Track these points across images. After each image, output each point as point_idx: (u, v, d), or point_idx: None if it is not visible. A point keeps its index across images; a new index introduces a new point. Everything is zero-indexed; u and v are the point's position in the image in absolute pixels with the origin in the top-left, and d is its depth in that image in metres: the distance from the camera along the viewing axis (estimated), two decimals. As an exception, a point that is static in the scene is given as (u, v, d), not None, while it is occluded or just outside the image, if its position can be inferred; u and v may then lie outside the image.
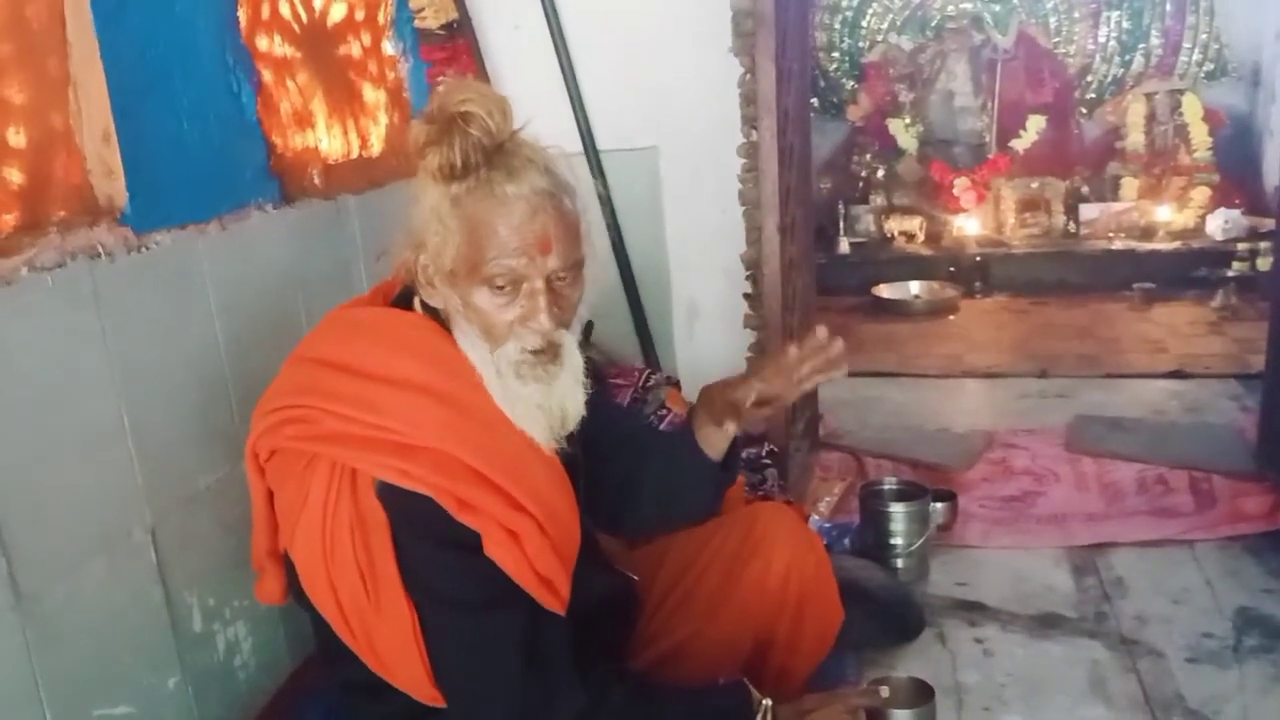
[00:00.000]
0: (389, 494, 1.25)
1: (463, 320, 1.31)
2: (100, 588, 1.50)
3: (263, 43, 1.98)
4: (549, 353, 1.30)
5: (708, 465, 1.50)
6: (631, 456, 1.55)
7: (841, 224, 5.57)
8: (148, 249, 1.62)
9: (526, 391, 1.30)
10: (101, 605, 1.50)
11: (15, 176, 1.43)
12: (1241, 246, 4.93)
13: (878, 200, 5.75)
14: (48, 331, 1.43)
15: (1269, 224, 4.79)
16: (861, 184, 5.85)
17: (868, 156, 5.87)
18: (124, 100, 1.57)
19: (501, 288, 1.27)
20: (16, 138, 1.43)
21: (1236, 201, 5.24)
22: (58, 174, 1.50)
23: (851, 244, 5.56)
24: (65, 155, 1.52)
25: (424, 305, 1.36)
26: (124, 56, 1.58)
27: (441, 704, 1.30)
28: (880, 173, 5.81)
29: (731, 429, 1.46)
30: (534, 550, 1.29)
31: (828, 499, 2.71)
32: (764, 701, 1.42)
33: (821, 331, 1.47)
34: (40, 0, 1.47)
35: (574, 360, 1.33)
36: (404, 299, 1.39)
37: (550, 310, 1.28)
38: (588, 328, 1.45)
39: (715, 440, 1.49)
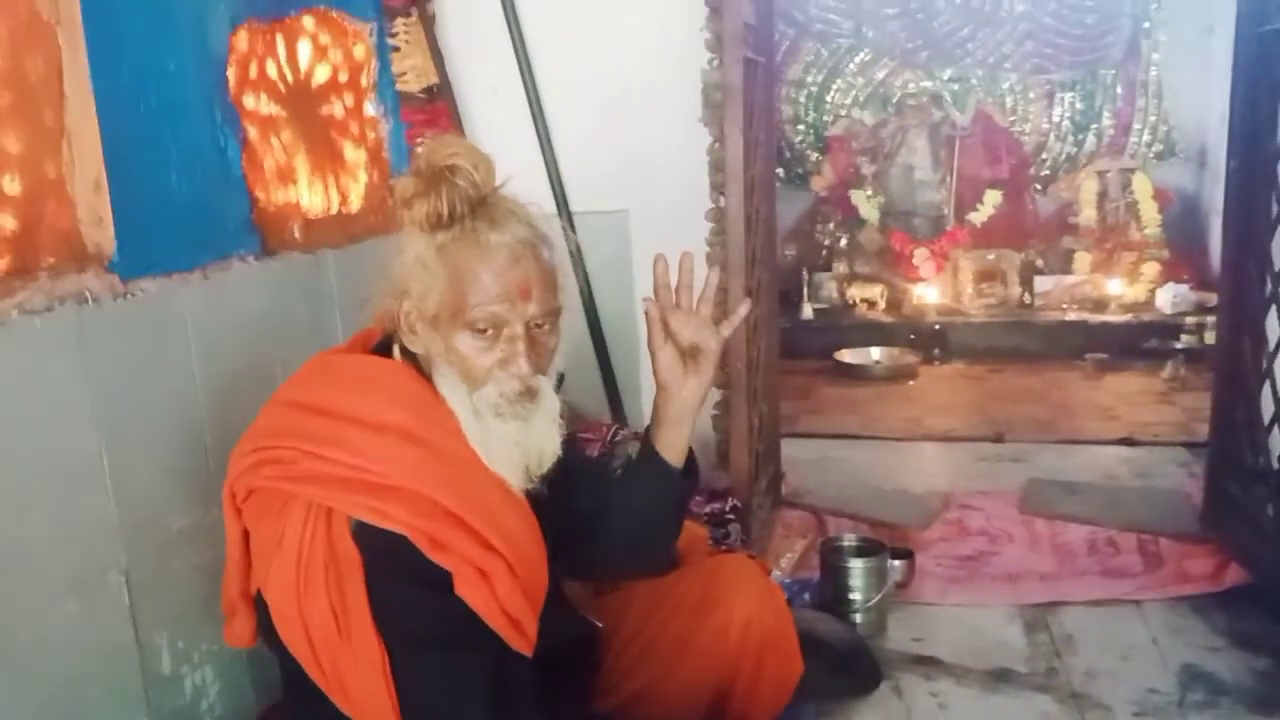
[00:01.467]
0: (364, 533, 1.27)
1: (443, 364, 1.35)
2: (72, 627, 1.52)
3: (249, 101, 2.04)
4: (527, 395, 1.35)
5: (668, 471, 1.51)
6: (597, 501, 1.57)
7: (805, 290, 5.67)
8: (133, 295, 1.67)
9: (505, 429, 1.34)
10: (73, 645, 1.52)
11: (8, 223, 1.48)
12: (1190, 320, 5.06)
13: (840, 268, 5.87)
14: (33, 373, 1.46)
15: (1216, 299, 4.95)
16: (825, 252, 5.98)
17: (831, 226, 6.00)
18: (115, 151, 1.63)
19: (483, 331, 1.32)
20: (11, 185, 1.48)
21: (1185, 277, 5.39)
22: (49, 221, 1.55)
23: (815, 310, 5.66)
24: (57, 203, 1.57)
25: (403, 352, 1.41)
26: (117, 110, 1.63)
27: (409, 744, 1.31)
28: (843, 241, 5.93)
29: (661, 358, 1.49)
30: (504, 591, 1.31)
31: (789, 555, 2.75)
32: (721, 748, 1.45)
33: (685, 256, 1.54)
34: (39, 54, 1.53)
35: (551, 402, 1.38)
36: (383, 346, 1.44)
37: (529, 355, 1.33)
38: (560, 378, 1.50)
39: (671, 441, 1.50)
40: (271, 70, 2.13)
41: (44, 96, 1.54)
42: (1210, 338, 4.73)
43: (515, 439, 1.35)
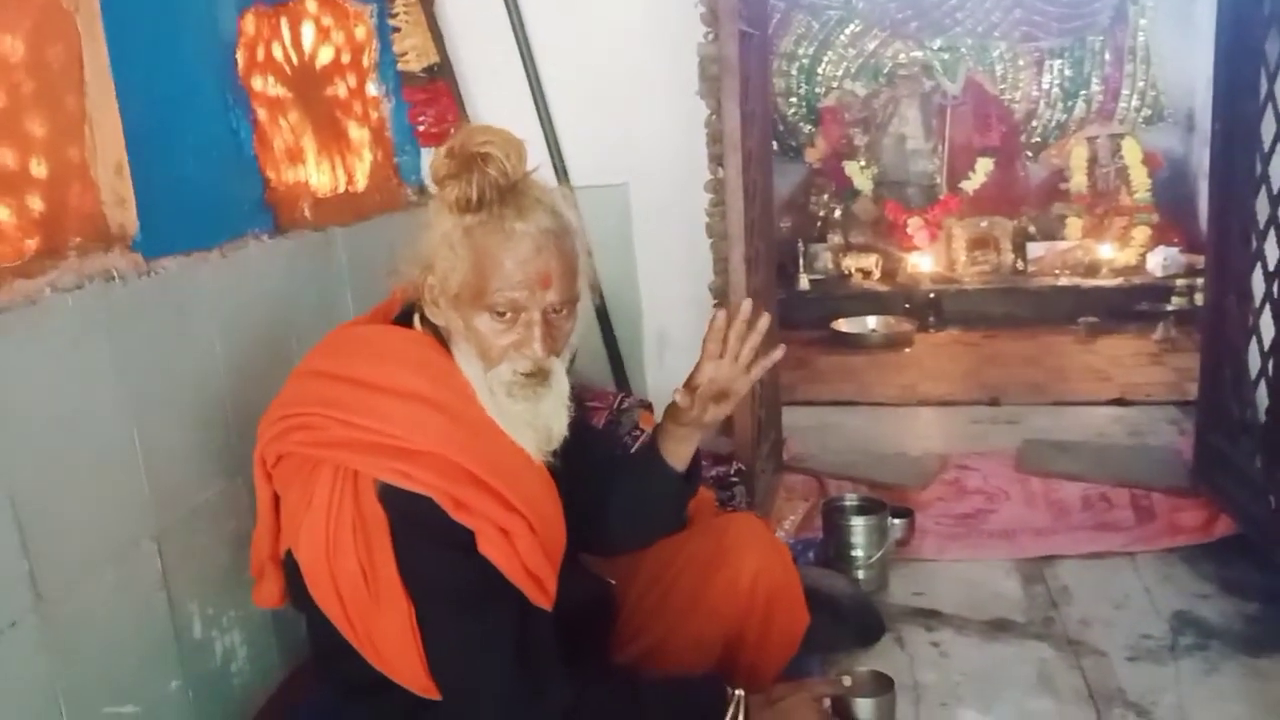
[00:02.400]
0: (389, 495, 1.33)
1: (462, 340, 1.41)
2: (111, 593, 1.58)
3: (258, 83, 2.09)
4: (539, 376, 1.40)
5: (671, 476, 1.59)
6: (603, 479, 1.64)
7: (801, 261, 5.74)
8: (156, 274, 1.72)
9: (516, 409, 1.40)
10: (112, 610, 1.58)
11: (36, 205, 1.53)
12: (1180, 282, 5.15)
13: (835, 239, 5.92)
14: (67, 349, 1.52)
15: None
16: (819, 223, 6.03)
17: (825, 197, 6.05)
18: (135, 135, 1.67)
19: (502, 315, 1.37)
20: (38, 169, 1.53)
21: (1175, 240, 5.46)
22: (74, 203, 1.60)
23: (811, 280, 5.72)
24: (81, 186, 1.62)
25: (423, 321, 1.46)
26: (136, 95, 1.68)
27: (436, 696, 1.37)
28: (837, 212, 5.99)
29: (682, 401, 1.51)
30: (525, 548, 1.38)
31: (792, 518, 2.82)
32: (736, 692, 1.50)
33: (746, 304, 1.55)
34: (60, 43, 1.58)
35: (561, 385, 1.44)
36: (404, 317, 1.49)
37: (544, 340, 1.39)
38: (572, 357, 1.56)
39: (678, 450, 1.58)
40: (277, 53, 2.17)
41: (65, 83, 1.59)
42: (1200, 299, 4.79)
43: (526, 419, 1.41)
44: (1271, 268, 2.48)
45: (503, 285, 1.36)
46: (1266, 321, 2.51)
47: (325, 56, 2.38)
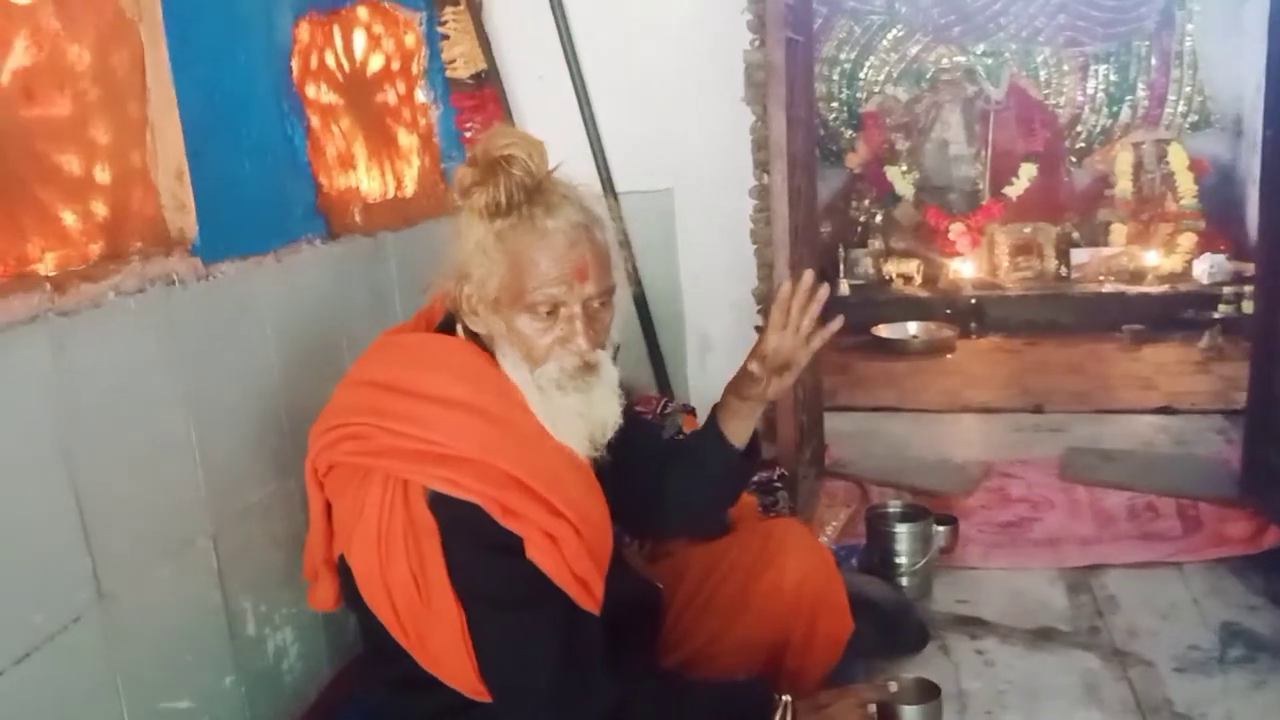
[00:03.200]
0: (439, 502, 1.35)
1: (506, 344, 1.43)
2: (168, 590, 1.62)
3: (311, 90, 2.13)
4: (586, 369, 1.42)
5: (733, 452, 1.60)
6: (657, 464, 1.65)
7: (842, 267, 5.72)
8: (214, 278, 1.76)
9: (569, 401, 1.41)
10: (169, 605, 1.62)
11: (100, 209, 1.57)
12: (1227, 290, 5.06)
13: (876, 244, 5.89)
14: (129, 351, 1.56)
15: (1253, 269, 4.94)
16: (860, 228, 6.00)
17: (866, 202, 6.02)
18: (195, 141, 1.71)
19: (543, 313, 1.39)
20: (102, 174, 1.57)
21: (1222, 247, 5.37)
22: (136, 208, 1.64)
23: (851, 286, 5.70)
24: (143, 191, 1.66)
25: (465, 329, 1.48)
26: (196, 102, 1.72)
27: (487, 698, 1.39)
28: (878, 218, 5.96)
29: (754, 368, 1.53)
30: (571, 553, 1.39)
31: (834, 524, 2.82)
32: (783, 698, 1.51)
33: (808, 275, 1.58)
34: (124, 49, 1.62)
35: (610, 374, 1.46)
36: (446, 324, 1.51)
37: (587, 333, 1.41)
38: (615, 350, 1.57)
39: (739, 428, 1.60)
40: (330, 60, 2.21)
41: (128, 90, 1.63)
42: (1248, 307, 4.73)
43: (579, 411, 1.42)
44: (1324, 276, 2.46)
45: (541, 284, 1.38)
46: (1318, 331, 2.48)
47: (376, 64, 2.42)
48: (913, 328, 5.33)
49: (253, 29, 1.92)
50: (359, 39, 2.34)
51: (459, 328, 1.49)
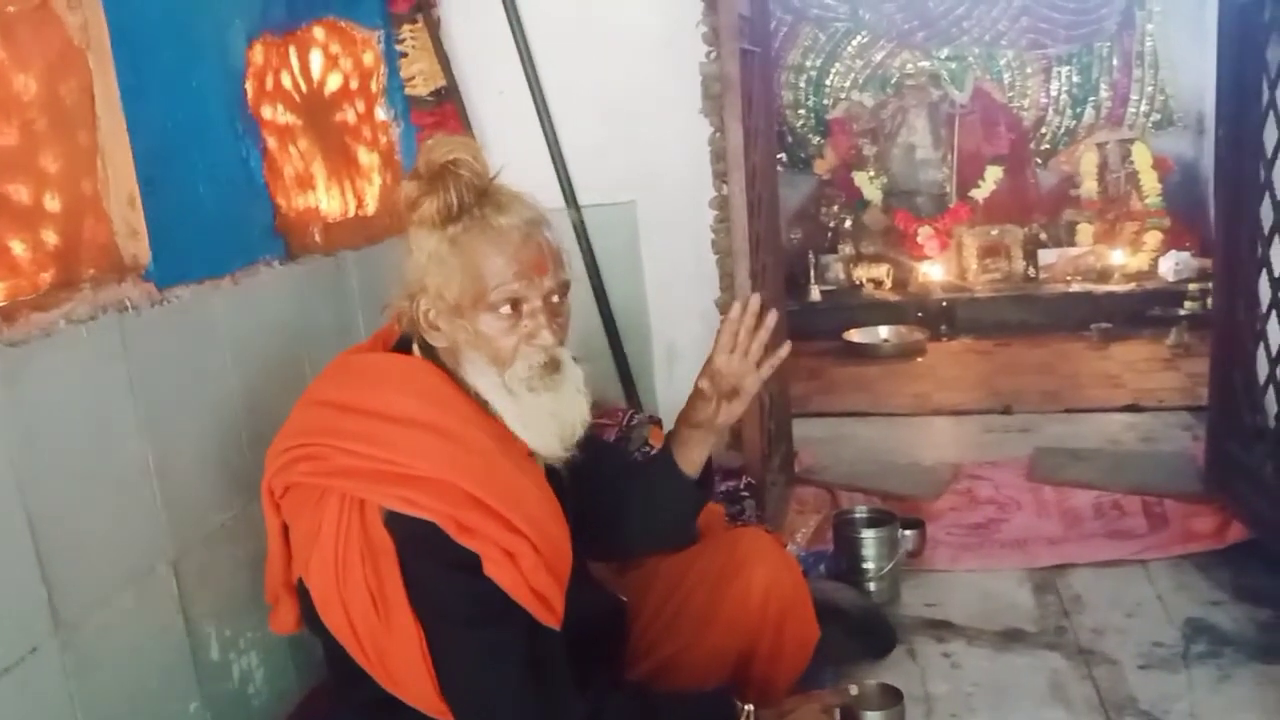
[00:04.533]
0: (395, 521, 1.35)
1: (470, 350, 1.43)
2: (129, 618, 1.61)
3: (267, 112, 2.12)
4: (552, 365, 1.43)
5: (685, 483, 1.62)
6: (617, 489, 1.66)
7: (812, 273, 5.75)
8: (169, 302, 1.75)
9: (541, 401, 1.42)
10: (130, 634, 1.61)
11: (51, 238, 1.56)
12: (1193, 287, 5.12)
13: (846, 249, 5.93)
14: (82, 379, 1.55)
15: (1215, 264, 5.00)
16: (830, 234, 6.04)
17: (835, 208, 6.06)
18: (147, 167, 1.71)
19: (505, 312, 1.40)
20: (52, 203, 1.57)
21: (1187, 244, 5.44)
22: (88, 235, 1.64)
23: (822, 291, 5.73)
24: (94, 218, 1.65)
25: (422, 348, 1.48)
26: (147, 127, 1.71)
27: (450, 718, 1.38)
28: (848, 223, 5.99)
29: (704, 386, 1.57)
30: (529, 569, 1.39)
31: (804, 530, 2.83)
32: (746, 707, 1.52)
33: (754, 299, 1.59)
34: (72, 79, 1.62)
35: (574, 372, 1.47)
36: (403, 344, 1.51)
37: (551, 326, 1.42)
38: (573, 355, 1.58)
39: (691, 456, 1.61)
40: (286, 81, 2.21)
41: (78, 118, 1.63)
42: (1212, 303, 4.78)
43: (550, 409, 1.43)
44: (1277, 274, 2.49)
45: (501, 281, 1.38)
46: (1274, 327, 2.51)
47: (334, 83, 2.42)
48: (884, 332, 5.36)
49: (205, 53, 1.92)
50: (316, 59, 2.34)
51: (415, 346, 1.49)
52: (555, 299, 1.43)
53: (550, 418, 1.43)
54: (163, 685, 1.68)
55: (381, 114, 2.63)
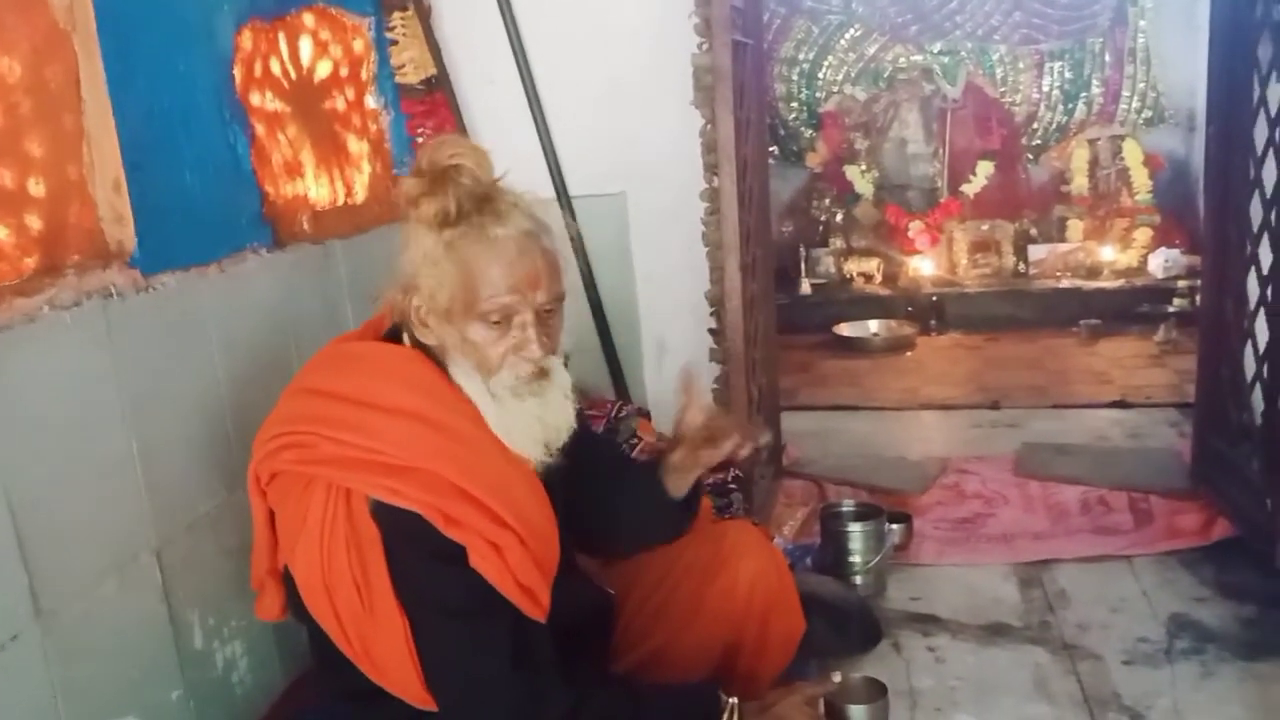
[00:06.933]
0: (382, 511, 1.35)
1: (458, 355, 1.43)
2: (111, 606, 1.60)
3: (256, 98, 2.11)
4: (540, 374, 1.43)
5: (670, 504, 1.67)
6: (606, 485, 1.67)
7: (803, 266, 5.74)
8: (155, 289, 1.74)
9: (526, 406, 1.42)
10: (112, 622, 1.60)
11: (35, 223, 1.55)
12: (1182, 284, 5.14)
13: (837, 243, 5.93)
14: (66, 366, 1.54)
15: (1203, 262, 5.01)
16: (821, 228, 6.03)
17: (826, 201, 6.06)
18: (133, 152, 1.69)
19: (496, 322, 1.39)
20: (36, 188, 1.55)
21: (1176, 241, 5.46)
22: (73, 220, 1.62)
23: (813, 285, 5.73)
24: (80, 203, 1.64)
25: (413, 339, 1.47)
26: (133, 112, 1.70)
27: (434, 708, 1.38)
28: (839, 217, 5.99)
29: (678, 458, 1.65)
30: (515, 562, 1.39)
31: (791, 523, 2.84)
32: (730, 700, 1.52)
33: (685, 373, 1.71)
34: (58, 62, 1.60)
35: (563, 379, 1.47)
36: (393, 333, 1.50)
37: (540, 340, 1.41)
38: (565, 359, 1.58)
39: (678, 483, 1.66)
40: (275, 67, 2.19)
41: (63, 102, 1.61)
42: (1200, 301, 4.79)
43: (535, 414, 1.43)
44: (1266, 271, 2.49)
45: (493, 293, 1.38)
46: (1261, 325, 2.52)
47: (323, 70, 2.40)
48: (874, 326, 5.37)
49: (192, 38, 1.90)
50: (305, 45, 2.32)
51: (405, 337, 1.48)
52: (547, 311, 1.43)
53: (535, 421, 1.43)
54: (145, 674, 1.67)
55: (371, 102, 2.62)
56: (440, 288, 1.39)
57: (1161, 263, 5.34)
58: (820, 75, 6.16)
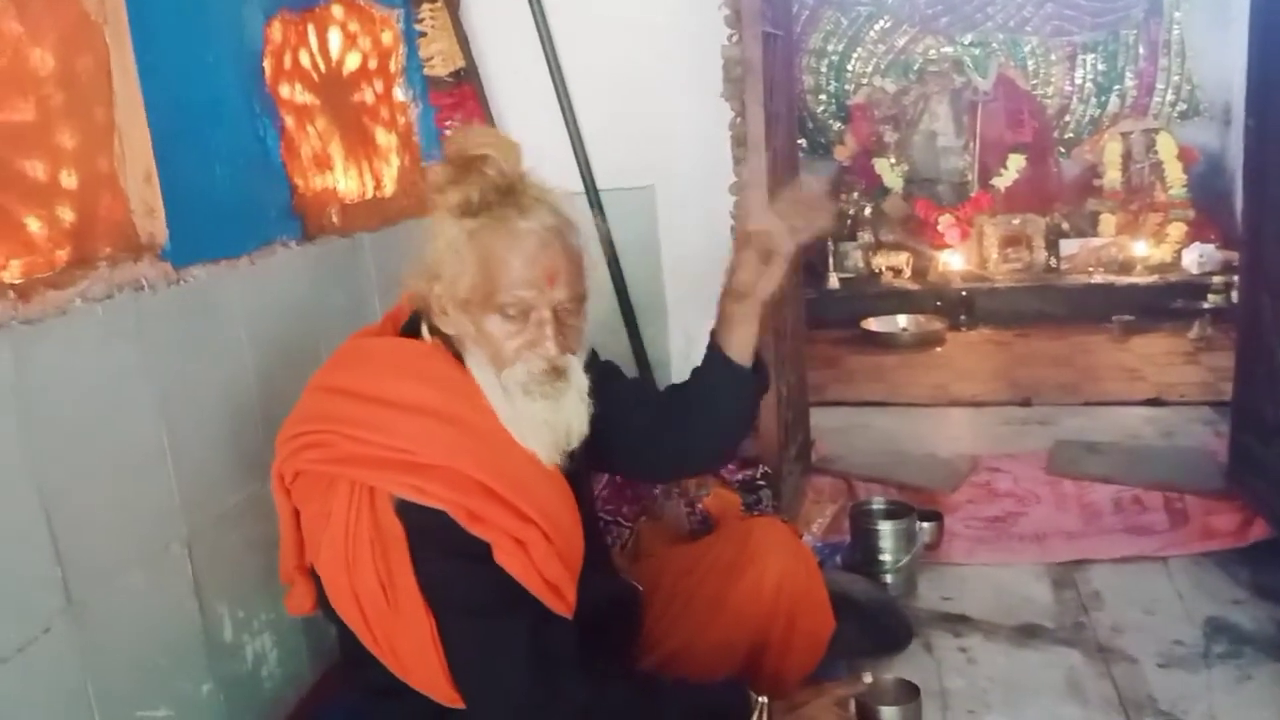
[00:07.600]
0: (405, 509, 1.34)
1: (473, 345, 1.42)
2: (142, 597, 1.60)
3: (285, 91, 2.11)
4: (555, 373, 1.41)
5: (741, 373, 1.54)
6: (650, 407, 1.63)
7: (831, 260, 5.71)
8: (185, 282, 1.74)
9: (534, 408, 1.40)
10: (143, 613, 1.60)
11: (67, 215, 1.55)
12: (1216, 279, 5.07)
13: (865, 237, 5.89)
14: (97, 358, 1.54)
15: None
16: (850, 222, 5.99)
17: (855, 195, 6.02)
18: (163, 145, 1.69)
19: (512, 316, 1.39)
20: (68, 179, 1.55)
21: (1211, 236, 5.38)
22: (104, 213, 1.62)
23: (841, 279, 5.70)
24: (111, 196, 1.64)
25: (432, 331, 1.47)
26: (164, 104, 1.70)
27: (458, 704, 1.38)
28: (867, 211, 5.95)
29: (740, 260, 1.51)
30: (540, 558, 1.38)
31: (820, 520, 2.81)
32: (760, 699, 1.50)
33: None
34: (89, 54, 1.60)
35: (579, 380, 1.44)
36: (412, 324, 1.50)
37: (556, 337, 1.40)
38: (591, 356, 1.56)
39: (741, 337, 1.53)
40: (304, 60, 2.19)
41: (94, 94, 1.61)
42: (1238, 297, 4.72)
43: (544, 418, 1.41)
44: (1307, 268, 2.45)
45: (511, 285, 1.37)
46: (1301, 322, 2.47)
47: (352, 62, 2.40)
48: (902, 321, 5.33)
49: (222, 30, 1.90)
50: (334, 38, 2.32)
51: (424, 328, 1.48)
52: (567, 309, 1.41)
53: (543, 425, 1.42)
54: (175, 665, 1.67)
55: (400, 94, 2.61)
56: (460, 276, 1.38)
57: (1196, 258, 5.26)
58: (849, 67, 6.13)
